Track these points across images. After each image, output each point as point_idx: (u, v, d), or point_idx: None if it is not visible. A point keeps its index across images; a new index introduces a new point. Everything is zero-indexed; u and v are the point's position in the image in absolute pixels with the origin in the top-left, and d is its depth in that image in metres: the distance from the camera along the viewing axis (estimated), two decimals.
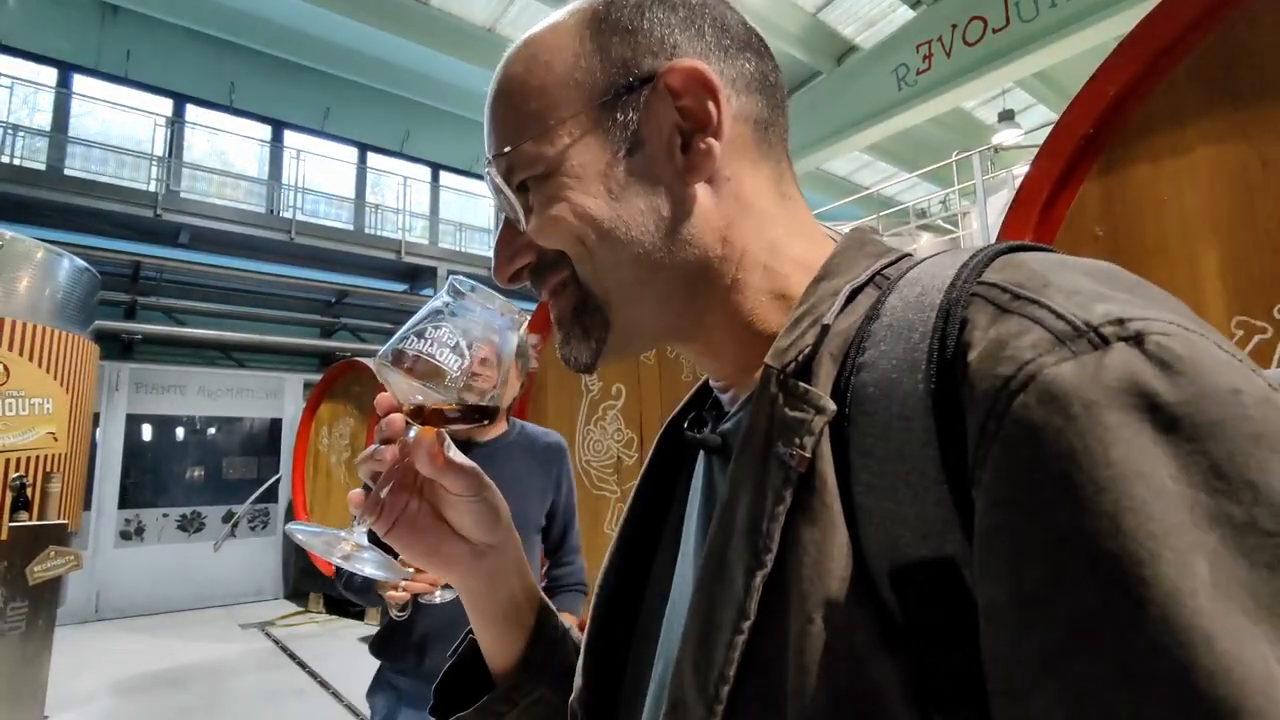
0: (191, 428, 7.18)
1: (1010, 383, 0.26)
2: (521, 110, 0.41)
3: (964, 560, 0.27)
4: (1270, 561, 0.22)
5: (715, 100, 0.39)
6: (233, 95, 9.33)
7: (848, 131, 8.20)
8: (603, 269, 0.40)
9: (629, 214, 0.40)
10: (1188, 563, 0.22)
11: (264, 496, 7.12)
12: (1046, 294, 0.29)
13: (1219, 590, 0.22)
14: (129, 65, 8.66)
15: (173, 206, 7.85)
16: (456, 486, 0.49)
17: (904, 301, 0.34)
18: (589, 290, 0.41)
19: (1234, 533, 0.22)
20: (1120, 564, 0.22)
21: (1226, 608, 0.21)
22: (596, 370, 0.44)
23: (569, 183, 0.40)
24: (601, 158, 0.40)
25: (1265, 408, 0.24)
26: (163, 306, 7.86)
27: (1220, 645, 0.21)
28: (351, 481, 5.72)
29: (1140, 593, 0.22)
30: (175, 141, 8.85)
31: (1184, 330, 0.26)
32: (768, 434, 0.35)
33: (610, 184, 0.40)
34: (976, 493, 0.27)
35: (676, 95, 0.39)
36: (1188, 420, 0.24)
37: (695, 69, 0.39)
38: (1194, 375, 0.24)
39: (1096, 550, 0.23)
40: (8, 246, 3.84)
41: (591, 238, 0.40)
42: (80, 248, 5.83)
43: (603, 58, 0.40)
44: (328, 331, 9.22)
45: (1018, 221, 1.74)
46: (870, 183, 9.58)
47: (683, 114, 0.40)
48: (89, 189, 7.48)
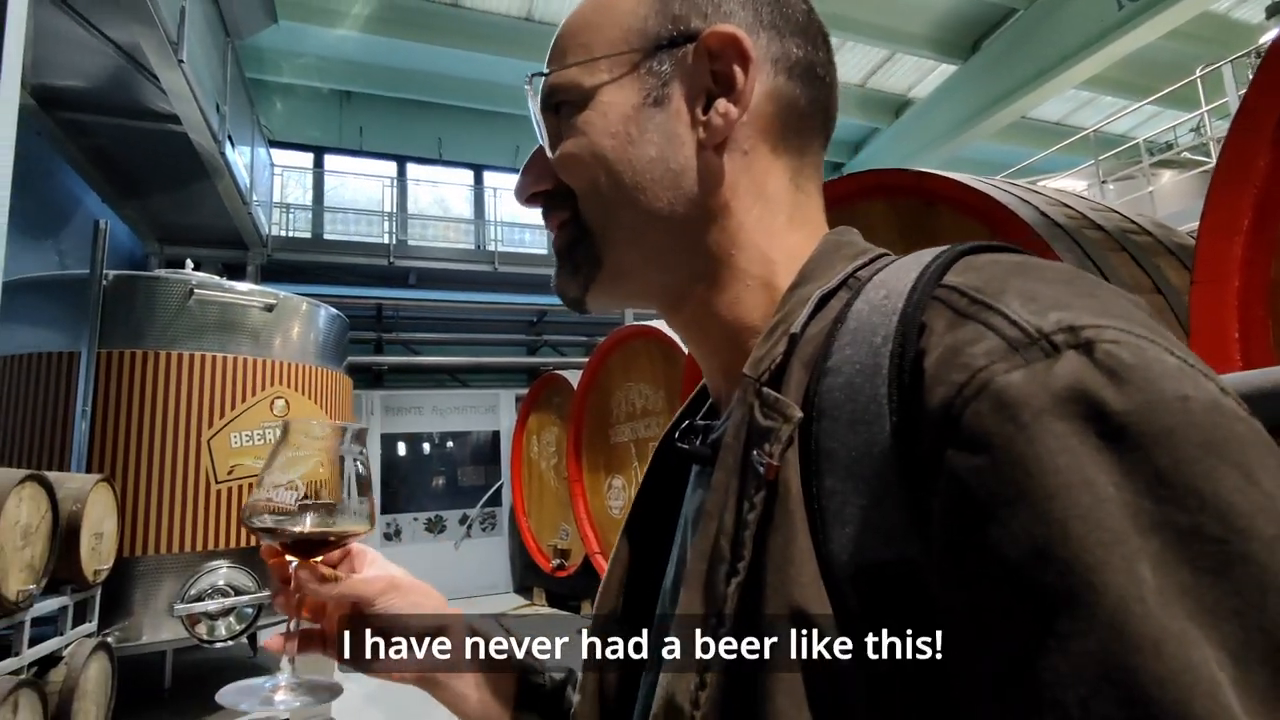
0: (433, 442, 8.26)
1: (964, 390, 0.27)
2: (575, 40, 0.44)
3: (924, 563, 0.28)
4: (1214, 567, 0.22)
5: (745, 69, 0.41)
6: (441, 149, 10.64)
7: (1056, 69, 7.16)
8: (604, 207, 0.42)
9: (639, 159, 0.41)
10: (1133, 569, 0.22)
11: (490, 501, 7.98)
12: (1003, 300, 0.29)
13: (1164, 596, 0.22)
14: (362, 139, 10.27)
15: (402, 253, 9.15)
16: (362, 597, 0.52)
17: (869, 305, 0.34)
18: (587, 227, 0.43)
19: (1177, 539, 0.22)
20: (1070, 571, 0.23)
21: (1172, 613, 0.22)
22: (588, 308, 0.46)
23: (594, 118, 0.42)
24: (629, 101, 0.41)
25: (1213, 414, 0.24)
26: (402, 340, 9.19)
27: (1168, 649, 0.21)
28: (560, 487, 6.19)
29: (1089, 599, 0.22)
30: (399, 197, 10.31)
31: (1134, 338, 0.26)
32: (745, 442, 0.36)
33: (630, 127, 0.41)
34: (933, 498, 0.27)
35: (713, 58, 0.41)
36: (1133, 428, 0.24)
37: (732, 34, 0.40)
38: (1141, 383, 0.24)
39: (1047, 557, 0.23)
40: (280, 304, 4.73)
41: (601, 178, 0.42)
42: (335, 298, 7.01)
43: (661, 9, 0.42)
44: (532, 349, 10.09)
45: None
46: (1092, 123, 8.23)
47: (715, 78, 0.41)
48: (340, 248, 9.00)
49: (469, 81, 9.91)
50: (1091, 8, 6.54)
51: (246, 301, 4.34)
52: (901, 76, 10.59)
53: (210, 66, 5.27)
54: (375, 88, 10.06)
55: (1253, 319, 1.40)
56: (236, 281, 4.63)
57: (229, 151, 5.70)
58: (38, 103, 4.74)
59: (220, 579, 3.87)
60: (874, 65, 10.32)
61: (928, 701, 0.28)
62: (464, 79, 9.83)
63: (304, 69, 9.55)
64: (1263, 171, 1.35)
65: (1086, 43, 6.74)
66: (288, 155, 9.91)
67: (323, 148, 10.22)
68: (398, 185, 10.39)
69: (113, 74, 4.62)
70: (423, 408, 8.13)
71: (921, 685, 0.28)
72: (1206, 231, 1.45)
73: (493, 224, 10.55)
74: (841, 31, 8.63)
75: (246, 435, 4.11)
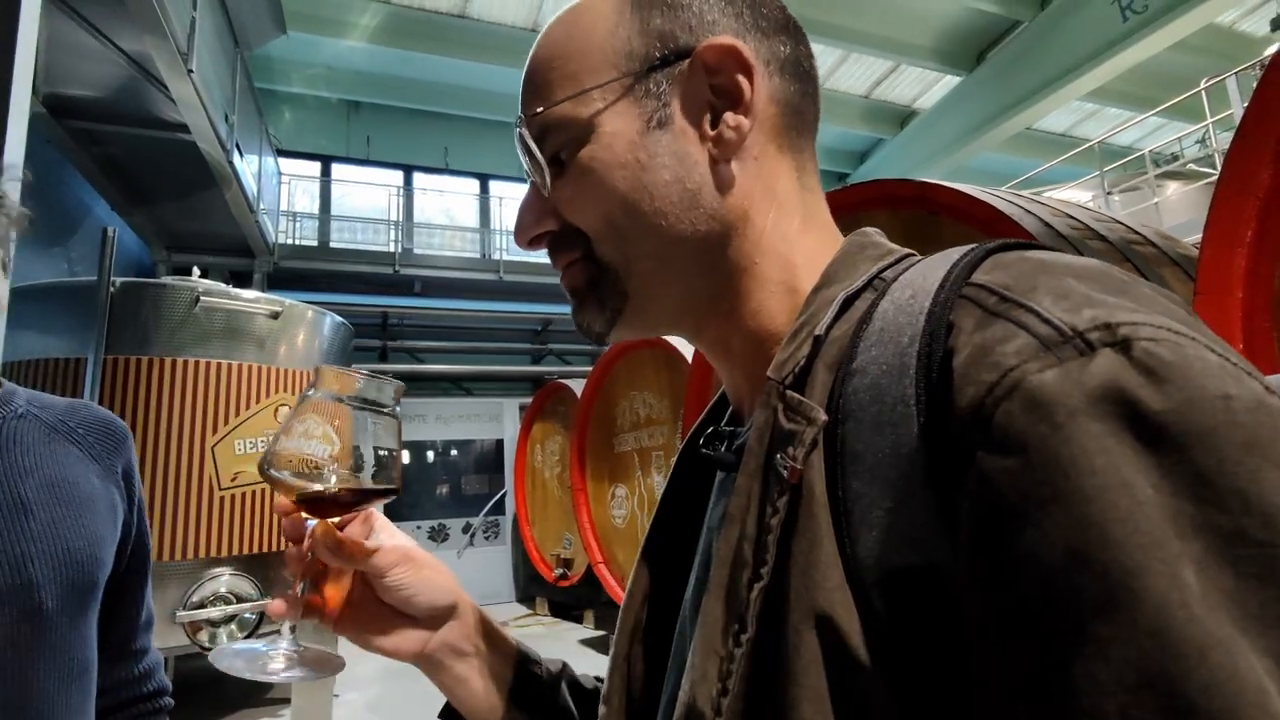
0: (437, 451, 8.26)
1: (994, 389, 0.26)
2: (559, 72, 0.42)
3: (952, 568, 0.27)
4: (1259, 571, 0.21)
5: (750, 78, 0.40)
6: (447, 158, 10.71)
7: (1061, 81, 7.18)
8: (625, 241, 0.41)
9: (655, 185, 0.40)
10: (1176, 573, 0.21)
11: (494, 509, 7.96)
12: (1033, 297, 0.28)
13: (1207, 601, 0.21)
14: (369, 149, 10.35)
15: (408, 262, 9.18)
16: (375, 567, 0.49)
17: (895, 305, 0.34)
18: (606, 264, 0.42)
19: (1220, 542, 0.22)
20: (1109, 574, 0.22)
21: (1216, 619, 0.21)
22: (610, 341, 0.45)
23: (598, 152, 0.40)
24: (633, 126, 0.40)
25: (1258, 414, 0.23)
26: (407, 348, 9.20)
27: (1213, 657, 0.20)
28: (564, 495, 6.18)
29: (1129, 604, 0.21)
30: (405, 206, 10.37)
31: (1172, 335, 0.25)
32: (769, 446, 0.35)
33: (639, 153, 0.40)
34: (962, 500, 0.26)
35: (711, 72, 0.40)
36: (1172, 429, 0.23)
37: (732, 46, 0.40)
38: (1182, 382, 0.24)
39: (1084, 560, 0.22)
40: (286, 312, 4.75)
41: (617, 214, 0.40)
42: (341, 305, 7.04)
43: (642, 28, 0.41)
44: (537, 358, 10.09)
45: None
46: (1098, 134, 8.25)
47: (715, 91, 0.40)
48: (346, 257, 9.04)
49: (475, 91, 9.98)
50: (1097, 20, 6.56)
51: (252, 309, 4.36)
52: (906, 87, 10.64)
53: (219, 76, 5.32)
54: (383, 98, 10.14)
55: (1256, 330, 1.39)
56: (243, 289, 4.66)
57: (237, 160, 5.74)
58: (49, 111, 4.79)
59: (223, 586, 3.86)
60: (879, 76, 10.36)
61: (955, 708, 0.27)
62: (470, 89, 9.90)
63: (312, 79, 9.64)
64: (1266, 184, 1.35)
65: (1092, 54, 6.76)
66: (295, 164, 9.97)
67: (330, 157, 10.30)
68: (404, 194, 10.44)
69: (123, 83, 4.67)
70: (427, 416, 8.13)
71: (949, 692, 0.27)
72: (1210, 243, 1.45)
73: (498, 233, 10.59)
74: (847, 43, 8.67)
75: (250, 442, 4.12)
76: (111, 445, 0.87)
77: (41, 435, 0.81)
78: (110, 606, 0.84)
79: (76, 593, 0.76)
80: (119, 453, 0.87)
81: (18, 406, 0.81)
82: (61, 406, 0.86)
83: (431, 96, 10.20)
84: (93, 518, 0.80)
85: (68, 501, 0.78)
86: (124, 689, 0.88)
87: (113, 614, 0.85)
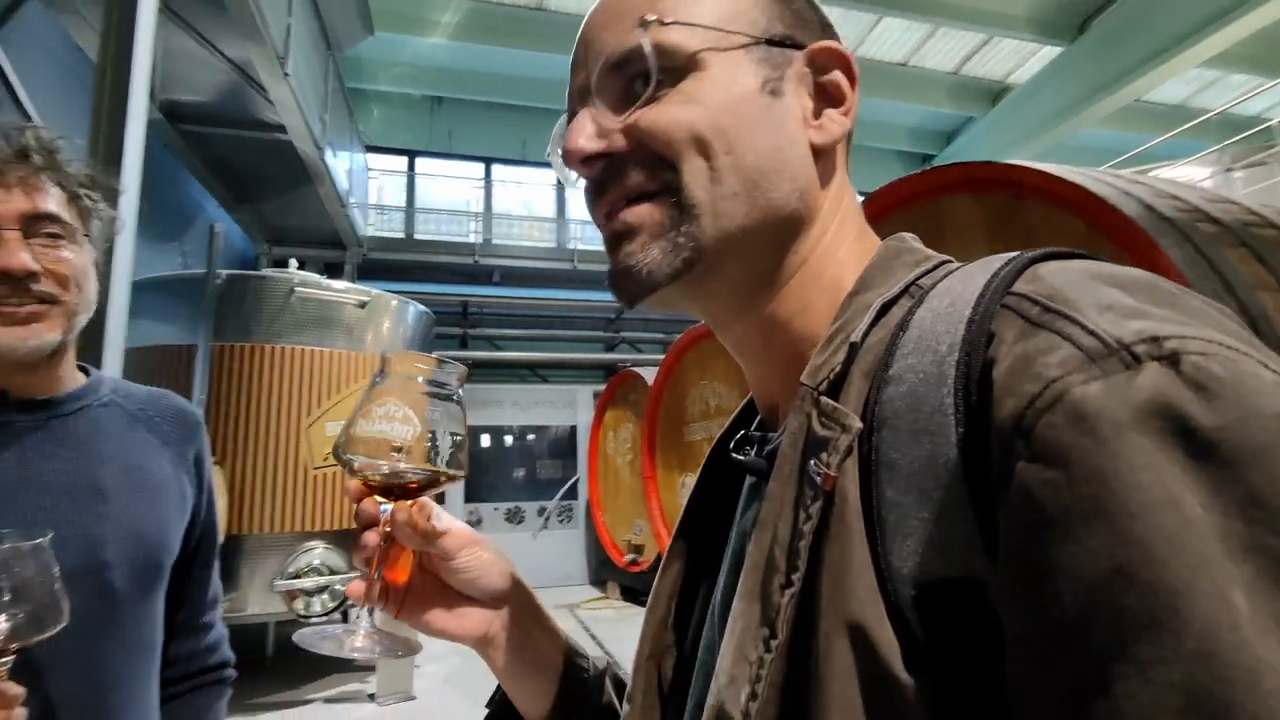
0: (513, 435, 8.51)
1: (1036, 401, 0.25)
2: (704, 3, 0.41)
3: (990, 581, 0.26)
4: None
5: (854, 86, 0.43)
6: (524, 151, 10.93)
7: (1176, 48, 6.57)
8: (720, 184, 0.39)
9: (760, 144, 0.40)
10: (1224, 595, 0.21)
11: (567, 494, 8.14)
12: (1078, 308, 0.27)
13: (1258, 625, 0.20)
14: (451, 142, 10.69)
15: (487, 252, 9.47)
16: (445, 549, 0.49)
17: (933, 313, 0.33)
18: (690, 205, 0.39)
19: (1273, 565, 0.21)
20: (1154, 593, 0.21)
21: (1267, 644, 0.20)
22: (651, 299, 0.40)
23: (713, 91, 0.39)
24: (752, 84, 0.40)
25: None
26: (486, 336, 9.51)
27: (1265, 683, 0.19)
28: (635, 483, 6.25)
29: (1175, 625, 0.21)
30: (485, 198, 10.66)
31: (1224, 350, 0.24)
32: (803, 452, 0.35)
33: (751, 108, 0.40)
34: (1001, 513, 0.26)
35: (819, 70, 0.42)
36: (1224, 446, 0.22)
37: (845, 53, 0.42)
38: (1234, 398, 0.23)
39: (1128, 578, 0.22)
40: (373, 301, 5.00)
41: (719, 154, 0.39)
42: (424, 295, 7.33)
43: (783, 9, 0.43)
44: (609, 346, 10.20)
45: None
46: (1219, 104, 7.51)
47: (820, 89, 0.42)
48: (430, 247, 9.40)
49: (552, 83, 10.11)
50: None
51: (342, 299, 4.61)
52: (999, 62, 10.00)
53: (313, 78, 5.62)
54: (463, 92, 10.42)
55: None
56: (334, 280, 4.92)
57: (329, 157, 6.07)
58: (164, 116, 5.20)
59: (316, 559, 4.13)
60: (969, 50, 9.79)
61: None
62: (547, 80, 10.03)
63: (398, 77, 10.02)
64: None
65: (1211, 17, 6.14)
66: (382, 159, 10.41)
67: (414, 151, 10.69)
68: (484, 186, 10.74)
69: (228, 88, 5.01)
70: (504, 401, 8.38)
71: (984, 707, 0.26)
72: None
73: (574, 223, 10.73)
74: (933, 16, 8.24)
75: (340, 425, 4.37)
76: (185, 433, 0.93)
77: (123, 423, 0.87)
78: (178, 586, 0.89)
79: (144, 575, 0.82)
80: (191, 441, 0.93)
81: (103, 395, 0.87)
82: (143, 395, 0.92)
83: (510, 89, 10.40)
84: (163, 504, 0.86)
85: (141, 487, 0.84)
86: (190, 661, 0.94)
87: (181, 593, 0.91)
